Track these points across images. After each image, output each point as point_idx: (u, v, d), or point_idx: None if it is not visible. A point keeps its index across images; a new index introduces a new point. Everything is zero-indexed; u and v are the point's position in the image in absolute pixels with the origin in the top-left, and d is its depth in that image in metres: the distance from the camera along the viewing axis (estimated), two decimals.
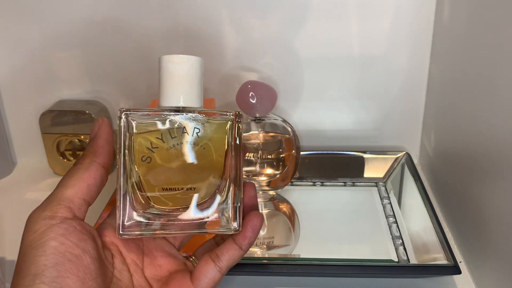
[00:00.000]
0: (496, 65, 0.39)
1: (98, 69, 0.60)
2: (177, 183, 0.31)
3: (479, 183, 0.42)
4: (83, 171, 0.29)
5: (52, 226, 0.27)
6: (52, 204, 0.28)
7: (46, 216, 0.27)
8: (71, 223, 0.28)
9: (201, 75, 0.31)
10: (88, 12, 0.57)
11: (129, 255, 0.32)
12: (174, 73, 0.31)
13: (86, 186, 0.29)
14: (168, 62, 0.31)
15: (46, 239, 0.26)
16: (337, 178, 0.59)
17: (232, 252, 0.32)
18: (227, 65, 0.59)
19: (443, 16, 0.52)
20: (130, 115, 0.30)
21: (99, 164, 0.30)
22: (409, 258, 0.45)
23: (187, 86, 0.31)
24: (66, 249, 0.27)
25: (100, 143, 0.31)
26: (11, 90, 0.62)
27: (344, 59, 0.58)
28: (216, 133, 0.31)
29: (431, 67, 0.57)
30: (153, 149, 0.30)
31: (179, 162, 0.31)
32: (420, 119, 0.61)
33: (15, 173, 0.64)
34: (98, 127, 0.31)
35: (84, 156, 0.30)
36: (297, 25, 0.56)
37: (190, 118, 0.31)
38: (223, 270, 0.32)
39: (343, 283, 0.43)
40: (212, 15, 0.56)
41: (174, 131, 0.31)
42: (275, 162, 0.46)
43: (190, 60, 0.31)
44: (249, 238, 0.32)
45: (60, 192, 0.29)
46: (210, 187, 0.31)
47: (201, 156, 0.31)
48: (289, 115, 0.61)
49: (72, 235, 0.27)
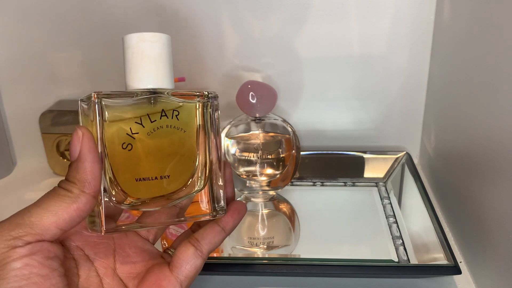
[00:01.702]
0: (496, 65, 0.39)
1: (98, 69, 0.60)
2: (152, 172, 0.29)
3: (479, 183, 0.42)
4: (72, 201, 0.26)
5: (15, 247, 0.24)
6: (22, 226, 0.25)
7: (10, 237, 0.24)
8: (37, 244, 0.25)
9: (171, 54, 0.30)
10: (89, 12, 0.57)
11: (97, 257, 0.30)
12: (146, 53, 0.28)
13: (69, 218, 0.26)
14: (139, 41, 0.29)
15: (8, 261, 0.24)
16: (337, 178, 0.59)
17: (213, 235, 0.30)
18: (227, 65, 0.59)
19: (444, 16, 0.52)
20: (103, 100, 0.27)
21: (90, 195, 0.26)
22: (409, 258, 0.45)
23: (160, 66, 0.29)
24: (31, 270, 0.24)
25: (88, 167, 0.26)
26: (11, 90, 0.62)
27: (344, 59, 0.58)
28: (189, 115, 0.30)
29: (431, 67, 0.57)
30: (134, 134, 0.28)
31: (158, 148, 0.29)
32: (420, 119, 0.61)
33: (15, 173, 0.64)
34: (79, 144, 0.27)
35: (71, 183, 0.26)
36: (297, 25, 0.56)
37: (168, 100, 0.29)
38: (205, 254, 0.30)
39: (343, 283, 0.43)
40: (212, 15, 0.56)
41: (153, 115, 0.29)
42: (275, 162, 0.46)
43: (162, 38, 0.29)
44: (234, 220, 0.31)
45: (36, 215, 0.25)
46: (186, 173, 0.30)
47: (180, 140, 0.30)
48: (289, 115, 0.61)
49: (38, 255, 0.25)
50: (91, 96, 0.27)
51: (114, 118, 0.28)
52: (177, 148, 0.30)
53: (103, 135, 0.27)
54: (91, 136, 0.27)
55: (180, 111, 0.29)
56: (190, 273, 0.29)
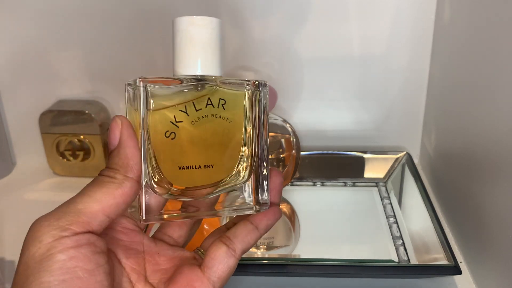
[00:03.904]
0: (497, 65, 0.39)
1: (98, 69, 0.60)
2: (196, 160, 0.28)
3: (479, 183, 0.42)
4: (116, 187, 0.25)
5: (61, 238, 0.23)
6: (69, 215, 0.24)
7: (57, 226, 0.24)
8: (85, 235, 0.24)
9: (222, 40, 0.28)
10: (88, 11, 0.57)
11: (129, 262, 0.29)
12: (194, 37, 0.27)
13: (115, 204, 0.25)
14: (189, 25, 0.27)
15: (53, 252, 0.23)
16: (337, 178, 0.59)
17: (246, 233, 0.28)
18: (227, 65, 0.59)
19: (444, 16, 0.52)
20: (148, 86, 0.26)
21: (133, 180, 0.26)
22: (409, 258, 0.45)
23: (209, 51, 0.28)
24: (76, 264, 0.23)
25: (129, 152, 0.26)
26: (11, 90, 0.62)
27: (345, 59, 0.57)
28: (238, 105, 0.29)
29: (432, 67, 0.57)
30: (177, 123, 0.27)
31: (202, 137, 0.28)
32: (420, 119, 0.61)
33: (15, 173, 0.64)
34: (119, 131, 0.27)
35: (114, 170, 0.26)
36: (297, 25, 0.56)
37: (214, 88, 0.28)
38: (238, 254, 0.28)
39: (343, 283, 0.42)
40: (212, 15, 0.56)
41: (199, 103, 0.28)
42: (275, 162, 0.46)
43: (213, 22, 0.28)
44: (268, 220, 0.29)
45: (82, 203, 0.25)
46: (230, 163, 0.29)
47: (225, 131, 0.29)
48: (289, 115, 0.61)
49: (85, 247, 0.24)
50: (136, 81, 0.27)
51: (159, 105, 0.27)
52: (222, 138, 0.29)
53: (146, 122, 0.27)
54: (129, 123, 0.27)
55: (226, 100, 0.28)
56: (223, 273, 0.28)
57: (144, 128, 0.27)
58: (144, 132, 0.27)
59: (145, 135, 0.27)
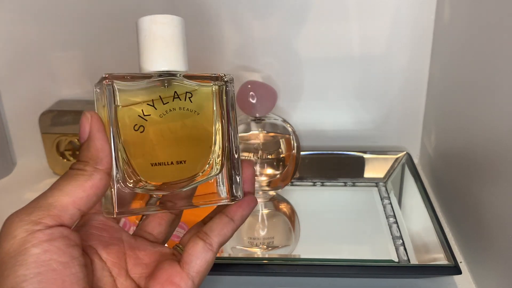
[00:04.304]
0: (496, 65, 0.39)
1: (99, 69, 0.60)
2: (168, 157, 0.29)
3: (479, 183, 0.42)
4: (86, 179, 0.26)
5: (34, 232, 0.24)
6: (40, 209, 0.25)
7: (29, 220, 0.24)
8: (58, 229, 0.25)
9: (184, 37, 0.29)
10: (89, 11, 0.57)
11: (110, 257, 0.29)
12: (158, 34, 0.28)
13: (86, 196, 0.26)
14: (152, 23, 0.29)
15: (27, 246, 0.23)
16: (337, 178, 0.59)
17: (222, 226, 0.29)
18: (227, 65, 0.59)
19: (444, 16, 0.52)
20: (115, 83, 0.27)
21: (103, 171, 0.26)
22: (409, 258, 0.45)
23: (173, 48, 0.29)
24: (50, 256, 0.24)
25: (99, 145, 0.27)
26: (11, 90, 0.62)
27: (345, 59, 0.57)
28: (204, 98, 0.29)
29: (432, 67, 0.57)
30: (146, 116, 0.28)
31: (172, 131, 0.29)
32: (420, 119, 0.61)
33: (15, 173, 0.64)
34: (88, 125, 0.27)
35: (84, 162, 0.27)
36: (297, 25, 0.56)
37: (182, 82, 0.29)
38: (215, 247, 0.29)
39: (343, 283, 0.43)
40: (212, 15, 0.56)
41: (165, 97, 0.28)
42: (275, 162, 0.46)
43: (174, 20, 0.29)
44: (243, 210, 0.30)
45: (53, 197, 0.25)
46: (202, 158, 0.30)
47: (194, 124, 0.29)
48: (289, 115, 0.61)
49: (58, 241, 0.24)
50: (103, 78, 0.27)
51: (126, 101, 0.28)
52: (191, 131, 0.29)
53: (116, 117, 0.27)
54: (99, 117, 0.27)
55: (193, 93, 0.29)
56: (201, 268, 0.29)
57: (113, 123, 0.27)
58: (113, 128, 0.27)
59: (114, 130, 0.27)
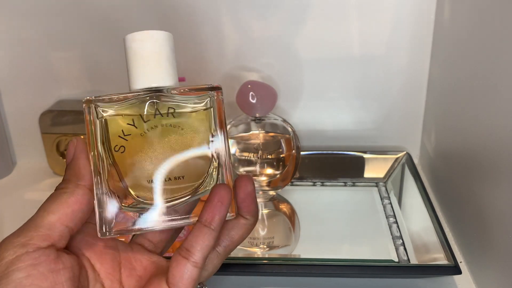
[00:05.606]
0: (496, 65, 0.39)
1: (98, 69, 0.60)
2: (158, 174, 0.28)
3: (479, 183, 0.42)
4: (68, 195, 0.26)
5: (21, 255, 0.24)
6: (28, 230, 0.25)
7: (18, 243, 0.25)
8: (45, 251, 0.25)
9: (169, 51, 0.29)
10: (88, 11, 0.57)
11: (103, 268, 0.29)
12: (138, 52, 0.28)
13: (71, 212, 0.26)
14: (132, 41, 0.28)
15: (13, 269, 0.24)
16: (337, 178, 0.59)
17: (202, 238, 0.27)
18: (227, 65, 0.59)
19: (444, 16, 0.52)
20: (98, 105, 0.28)
21: (85, 187, 0.27)
22: (409, 258, 0.45)
23: (153, 64, 0.28)
24: (32, 281, 0.24)
25: (82, 164, 0.28)
26: (11, 90, 0.62)
27: (345, 59, 0.57)
28: (190, 112, 0.29)
29: (432, 67, 0.57)
30: (126, 136, 0.28)
31: (159, 147, 0.28)
32: (420, 119, 0.61)
33: (15, 173, 0.64)
34: (73, 148, 0.28)
35: (66, 180, 0.27)
36: (297, 25, 0.56)
37: (162, 98, 0.28)
38: (199, 263, 0.27)
39: (343, 283, 0.43)
40: (212, 15, 0.56)
41: (146, 115, 0.28)
42: (275, 162, 0.46)
43: (153, 36, 0.29)
44: (214, 215, 0.28)
45: (39, 217, 0.26)
46: (198, 172, 0.29)
47: (181, 139, 0.29)
48: (289, 115, 0.61)
49: (43, 265, 0.24)
50: (87, 100, 0.28)
51: (112, 120, 0.28)
52: (179, 146, 0.29)
53: (104, 137, 0.28)
54: (83, 141, 0.28)
55: (176, 108, 0.29)
56: (188, 285, 0.27)
57: (102, 143, 0.28)
58: (95, 147, 0.28)
59: (97, 149, 0.28)
